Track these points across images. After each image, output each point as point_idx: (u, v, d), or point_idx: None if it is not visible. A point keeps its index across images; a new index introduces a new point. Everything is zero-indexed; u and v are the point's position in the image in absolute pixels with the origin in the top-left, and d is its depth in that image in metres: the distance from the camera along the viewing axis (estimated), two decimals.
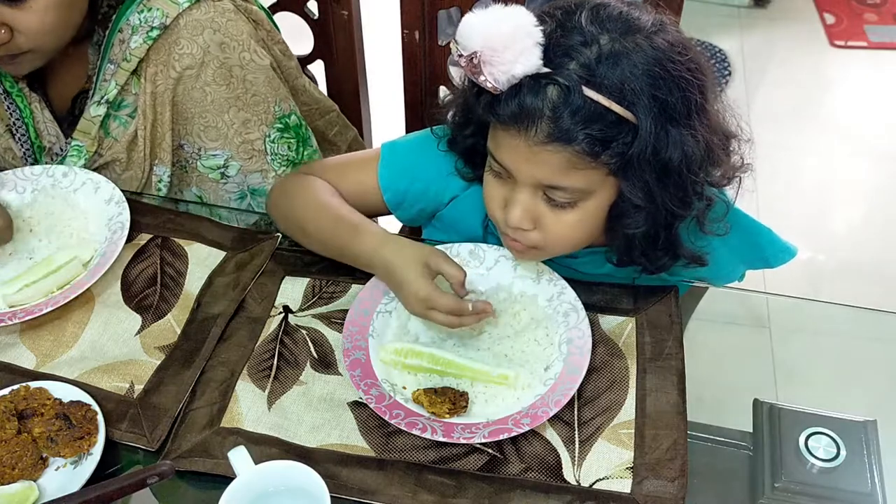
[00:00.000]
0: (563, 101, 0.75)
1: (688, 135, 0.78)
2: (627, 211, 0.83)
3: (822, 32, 2.94)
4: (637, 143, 0.76)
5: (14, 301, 0.94)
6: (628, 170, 0.78)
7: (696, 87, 0.79)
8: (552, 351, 0.88)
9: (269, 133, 1.12)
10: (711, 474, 0.83)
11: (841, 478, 0.79)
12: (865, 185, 2.42)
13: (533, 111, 0.76)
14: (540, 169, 0.79)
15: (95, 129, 1.07)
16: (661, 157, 0.78)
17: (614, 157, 0.77)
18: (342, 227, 0.95)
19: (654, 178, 0.79)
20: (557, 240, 0.86)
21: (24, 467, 0.79)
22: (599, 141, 0.76)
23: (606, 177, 0.80)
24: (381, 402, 0.82)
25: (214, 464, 0.80)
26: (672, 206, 0.82)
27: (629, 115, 0.76)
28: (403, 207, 1.02)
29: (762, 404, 0.85)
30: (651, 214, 0.83)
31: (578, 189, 0.80)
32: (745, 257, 0.99)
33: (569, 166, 0.78)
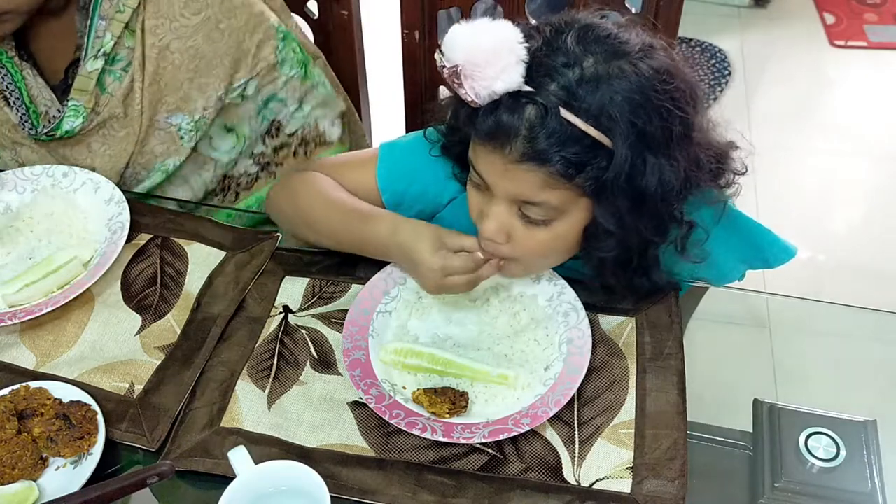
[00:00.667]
0: (540, 121, 0.75)
1: (666, 164, 0.78)
2: (600, 234, 0.83)
3: (822, 32, 2.94)
4: (612, 168, 0.76)
5: (14, 301, 0.94)
6: (602, 193, 0.78)
7: (678, 117, 0.78)
8: (552, 351, 0.88)
9: (278, 45, 1.16)
10: (711, 474, 0.83)
11: (841, 478, 0.79)
12: (865, 185, 2.42)
13: (509, 129, 0.76)
14: (514, 185, 0.79)
15: (92, 85, 1.07)
16: (636, 183, 0.78)
17: (588, 180, 0.77)
18: (353, 217, 0.95)
19: (628, 204, 0.79)
20: (529, 254, 0.86)
21: (24, 467, 0.79)
22: (574, 164, 0.76)
23: (580, 197, 0.80)
24: (381, 402, 0.82)
25: (214, 464, 0.80)
26: (646, 232, 0.82)
27: (605, 140, 0.76)
28: (402, 209, 1.01)
29: (762, 404, 0.85)
30: (623, 239, 0.83)
31: (552, 206, 0.80)
32: (744, 257, 0.99)
33: (543, 185, 0.78)
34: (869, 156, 2.50)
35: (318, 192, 0.98)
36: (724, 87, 2.68)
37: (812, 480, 0.79)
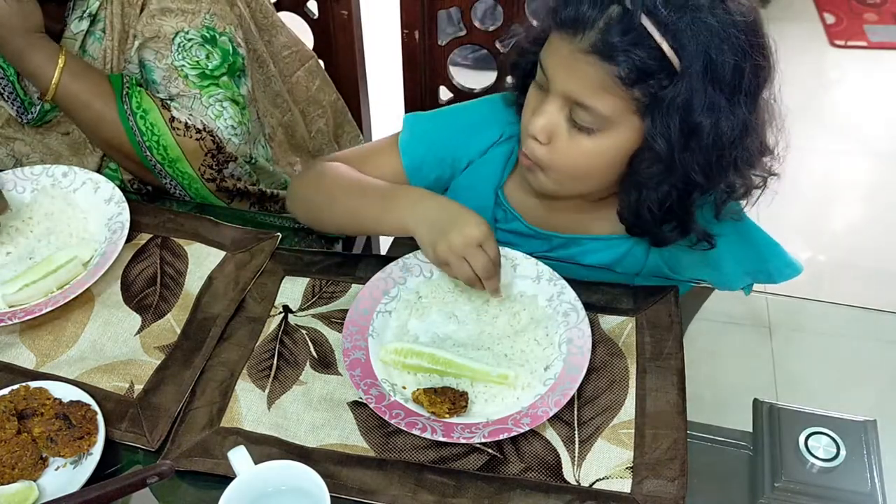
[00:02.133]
0: (619, 19, 0.76)
1: (726, 109, 0.79)
2: (646, 160, 0.82)
3: (822, 32, 2.94)
4: (673, 88, 0.77)
5: (14, 301, 0.94)
6: (656, 112, 0.79)
7: (752, 71, 0.79)
8: (552, 351, 0.88)
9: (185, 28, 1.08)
10: (711, 474, 0.83)
11: (841, 478, 0.79)
12: (865, 185, 2.42)
13: (587, 19, 0.77)
14: (574, 80, 0.80)
15: (77, 47, 1.07)
16: (692, 114, 0.78)
17: (646, 93, 0.78)
18: (373, 192, 0.95)
19: (679, 133, 0.79)
20: (565, 162, 0.85)
21: (24, 467, 0.79)
22: (637, 70, 0.77)
23: (632, 115, 0.80)
24: (381, 402, 0.82)
25: (214, 464, 0.80)
26: (692, 172, 0.82)
27: (675, 58, 0.76)
28: (421, 174, 1.02)
29: (762, 404, 0.85)
30: (669, 172, 0.82)
31: (602, 115, 0.80)
32: (748, 268, 0.99)
33: (600, 86, 0.78)
34: (869, 155, 2.50)
35: (337, 175, 0.99)
36: None
37: (812, 480, 0.79)
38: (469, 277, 0.86)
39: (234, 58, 1.11)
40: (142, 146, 1.08)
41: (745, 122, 0.80)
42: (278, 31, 1.25)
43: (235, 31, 1.12)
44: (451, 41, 1.31)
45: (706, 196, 0.86)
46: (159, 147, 1.08)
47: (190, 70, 1.08)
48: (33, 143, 1.15)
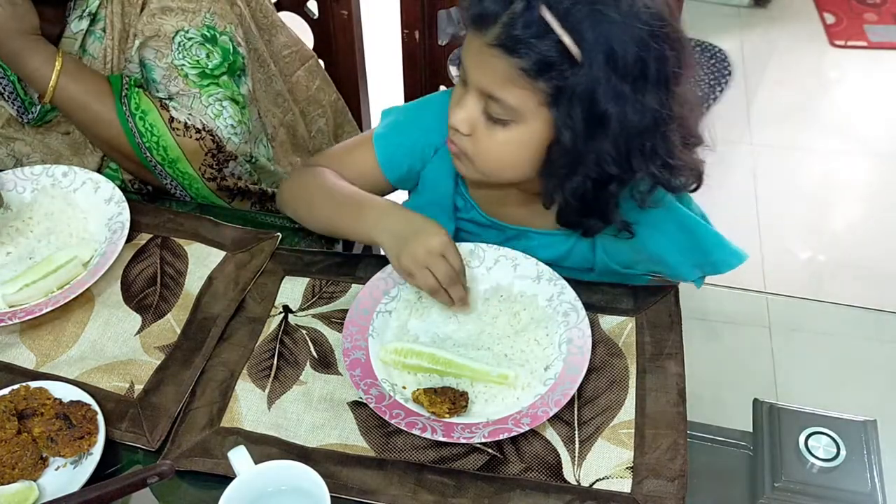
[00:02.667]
0: (521, 13, 0.78)
1: (632, 99, 0.80)
2: (557, 151, 0.84)
3: (822, 32, 2.94)
4: (574, 78, 0.78)
5: (14, 301, 0.94)
6: (561, 103, 0.80)
7: (657, 60, 0.80)
8: (552, 351, 0.88)
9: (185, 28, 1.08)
10: (711, 474, 0.83)
11: (841, 478, 0.79)
12: (865, 185, 2.42)
13: (492, 14, 0.79)
14: (484, 74, 0.82)
15: (76, 46, 1.07)
16: (597, 104, 0.79)
17: (550, 85, 0.79)
18: (349, 202, 0.98)
19: (584, 123, 0.81)
20: (485, 154, 0.88)
21: (24, 467, 0.79)
22: (540, 63, 0.78)
23: (541, 106, 0.82)
24: (381, 402, 0.82)
25: (214, 464, 0.80)
26: (603, 162, 0.83)
27: (575, 49, 0.78)
28: (394, 165, 1.04)
29: (762, 404, 0.85)
30: (579, 161, 0.84)
31: (512, 107, 0.82)
32: (694, 260, 0.98)
33: (507, 79, 0.80)
34: (869, 156, 2.50)
35: (319, 182, 1.01)
36: (725, 87, 2.68)
37: (812, 480, 0.79)
38: (432, 287, 0.87)
39: (234, 57, 1.11)
40: (141, 147, 1.08)
41: (655, 112, 0.81)
42: (278, 31, 1.25)
43: (236, 31, 1.12)
44: (451, 41, 1.31)
45: (627, 187, 0.87)
46: (159, 148, 1.08)
47: (190, 69, 1.08)
48: (34, 143, 1.15)
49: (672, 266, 0.99)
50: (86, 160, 1.15)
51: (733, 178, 2.37)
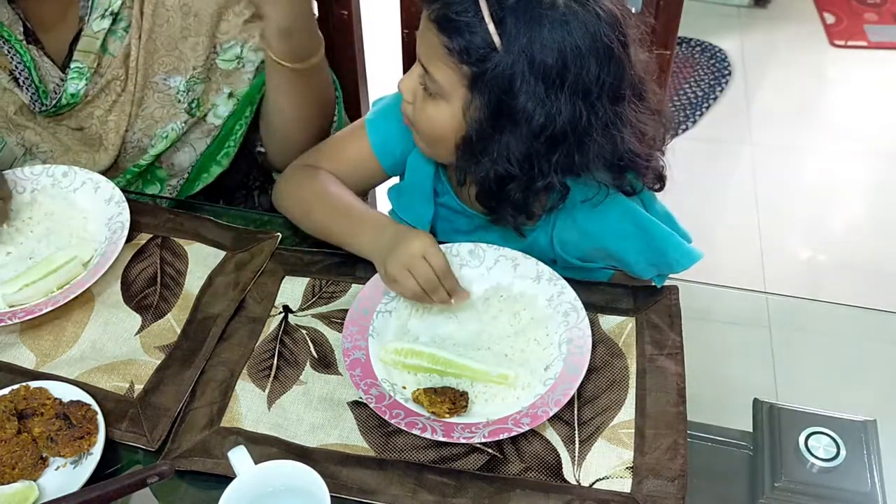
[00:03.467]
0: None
1: (546, 101, 0.81)
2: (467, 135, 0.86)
3: (822, 32, 2.94)
4: (490, 67, 0.81)
5: (14, 301, 0.94)
6: (475, 89, 0.83)
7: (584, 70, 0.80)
8: (552, 350, 0.88)
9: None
10: (711, 474, 0.83)
11: (841, 477, 0.79)
12: (865, 185, 2.42)
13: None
14: (422, 45, 0.87)
15: (97, 45, 1.07)
16: (507, 99, 0.81)
17: (471, 69, 0.82)
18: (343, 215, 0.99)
19: (493, 115, 0.83)
20: (419, 124, 0.92)
21: (24, 467, 0.79)
22: (466, 45, 0.81)
23: (462, 87, 0.84)
24: (381, 402, 0.82)
25: (214, 464, 0.80)
26: (505, 159, 0.84)
27: (496, 38, 0.80)
28: (387, 150, 1.05)
29: (762, 404, 0.85)
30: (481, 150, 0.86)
31: (437, 82, 0.86)
32: (650, 260, 0.98)
33: (437, 55, 0.84)
34: (869, 155, 2.50)
35: (316, 188, 1.02)
36: (724, 87, 2.69)
37: (812, 480, 0.79)
38: (414, 291, 0.87)
39: None
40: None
41: (570, 121, 0.81)
42: None
43: None
44: None
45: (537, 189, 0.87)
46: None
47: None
48: (44, 133, 1.15)
49: (629, 264, 0.99)
50: (98, 157, 1.15)
51: (733, 178, 2.37)
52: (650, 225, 0.95)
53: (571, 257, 1.00)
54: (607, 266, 1.03)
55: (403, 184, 1.08)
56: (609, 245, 0.97)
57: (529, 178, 0.86)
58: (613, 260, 1.01)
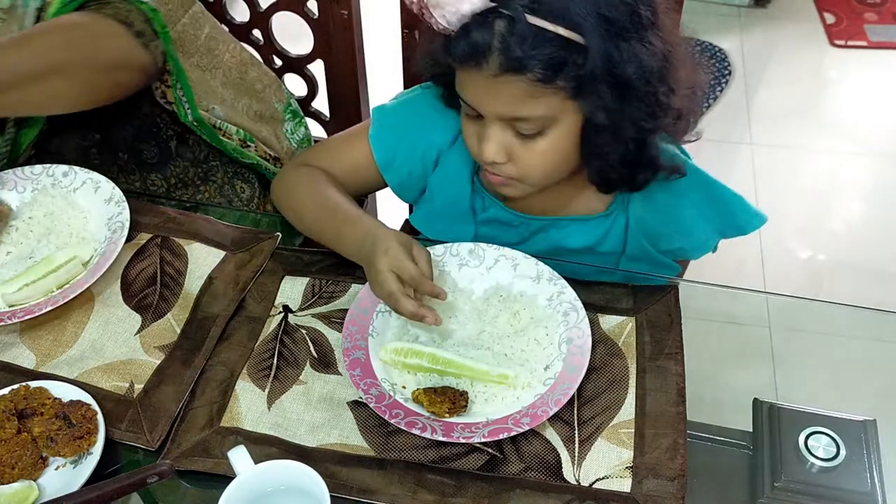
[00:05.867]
0: (510, 31, 0.77)
1: (640, 48, 0.80)
2: (598, 130, 0.85)
3: (822, 32, 2.94)
4: (588, 63, 0.78)
5: (14, 300, 0.94)
6: (585, 91, 0.80)
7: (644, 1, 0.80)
8: (552, 350, 0.88)
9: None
10: (711, 474, 0.83)
11: (841, 477, 0.79)
12: (865, 185, 2.42)
13: (483, 46, 0.78)
14: (500, 102, 0.82)
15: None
16: (616, 73, 0.80)
17: (569, 80, 0.79)
18: (332, 219, 0.97)
19: (614, 95, 0.81)
20: (532, 169, 0.88)
21: (24, 467, 0.79)
22: (551, 66, 0.78)
23: (566, 101, 0.82)
24: (381, 402, 0.82)
25: (214, 463, 0.80)
26: (639, 121, 0.84)
27: (576, 36, 0.77)
28: (394, 168, 1.03)
29: (762, 404, 0.85)
30: (619, 132, 0.85)
31: (541, 117, 0.82)
32: (717, 225, 1.00)
33: (526, 96, 0.80)
34: (869, 155, 2.50)
35: (311, 187, 1.01)
36: (725, 86, 2.68)
37: (812, 480, 0.79)
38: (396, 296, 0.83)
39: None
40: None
41: (662, 51, 0.82)
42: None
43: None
44: None
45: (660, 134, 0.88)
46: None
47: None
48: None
49: (696, 235, 1.00)
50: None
51: (733, 178, 2.37)
52: (719, 188, 0.97)
53: (645, 237, 0.99)
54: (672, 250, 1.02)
55: (433, 208, 1.06)
56: (681, 214, 0.97)
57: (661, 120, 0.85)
58: (682, 234, 1.00)
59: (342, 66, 1.38)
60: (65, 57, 1.01)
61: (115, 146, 1.23)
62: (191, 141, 1.25)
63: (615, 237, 1.01)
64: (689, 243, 1.02)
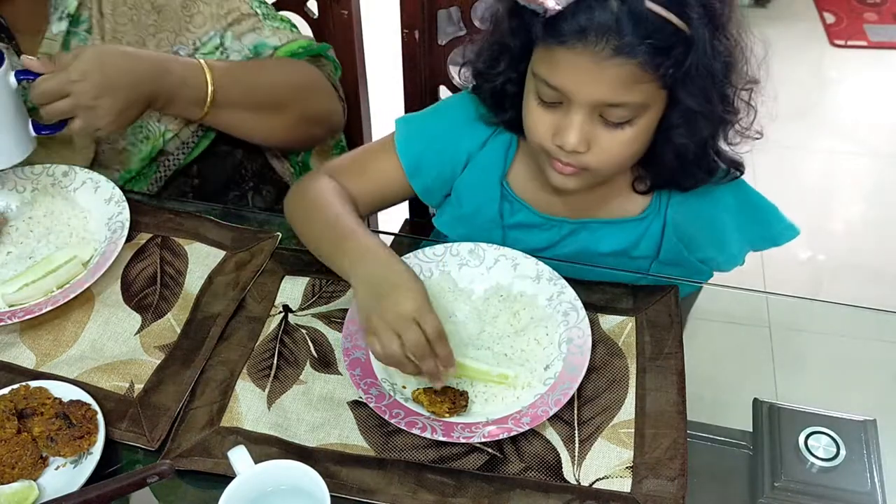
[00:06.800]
0: (627, 14, 0.77)
1: (727, 42, 0.82)
2: (683, 121, 0.85)
3: (822, 32, 2.94)
4: (693, 53, 0.79)
5: (14, 300, 0.94)
6: (686, 79, 0.81)
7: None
8: (552, 350, 0.88)
9: (251, 3, 1.12)
10: (711, 474, 0.83)
11: (841, 477, 0.79)
12: (866, 185, 2.42)
13: (600, 25, 0.77)
14: (602, 86, 0.80)
15: (57, 48, 1.05)
16: (708, 65, 0.80)
17: (672, 67, 0.79)
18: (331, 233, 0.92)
19: (702, 88, 0.82)
20: (609, 159, 0.86)
21: (24, 466, 0.79)
22: (661, 52, 0.78)
23: (660, 90, 0.82)
24: (381, 402, 0.82)
25: (214, 463, 0.80)
26: (720, 112, 0.85)
27: (684, 25, 0.78)
28: (421, 173, 1.02)
29: (762, 404, 0.85)
30: (696, 126, 0.85)
31: (637, 104, 0.82)
32: (749, 235, 1.00)
33: (632, 80, 0.79)
34: (869, 155, 2.51)
35: (315, 203, 0.96)
36: None
37: (812, 480, 0.79)
38: (396, 357, 0.78)
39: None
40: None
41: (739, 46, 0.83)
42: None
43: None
44: (451, 41, 1.31)
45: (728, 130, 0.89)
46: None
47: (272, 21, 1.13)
48: None
49: (728, 245, 1.00)
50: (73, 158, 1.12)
51: None
52: (756, 196, 0.97)
53: (679, 238, 0.99)
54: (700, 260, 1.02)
55: (459, 213, 1.04)
56: (717, 220, 0.97)
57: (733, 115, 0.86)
58: (714, 242, 1.00)
59: (342, 65, 1.38)
60: (291, 99, 1.12)
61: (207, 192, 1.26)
62: (264, 192, 1.31)
63: (650, 241, 1.00)
64: (720, 254, 1.02)
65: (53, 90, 0.93)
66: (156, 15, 1.07)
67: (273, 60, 1.12)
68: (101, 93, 0.93)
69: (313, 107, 1.15)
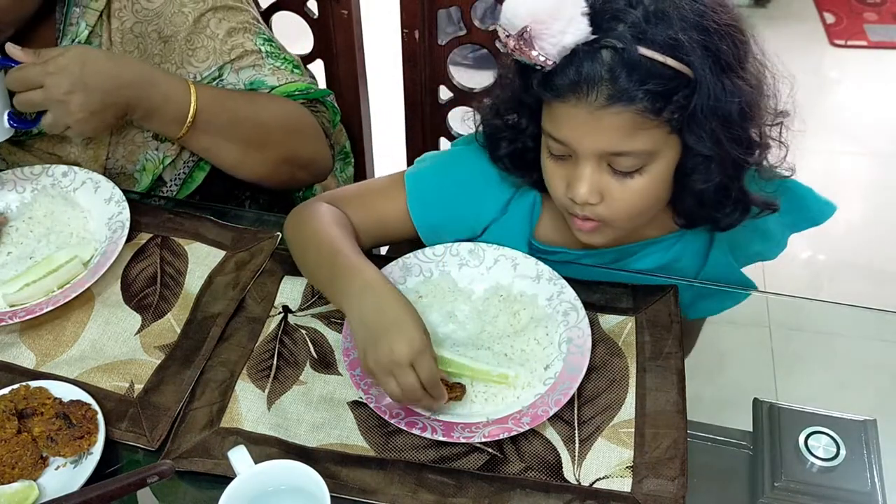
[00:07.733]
0: (619, 62, 0.76)
1: (742, 84, 0.80)
2: (696, 166, 0.83)
3: (822, 32, 2.94)
4: (698, 95, 0.77)
5: (14, 300, 0.94)
6: (692, 123, 0.79)
7: (741, 37, 0.80)
8: (552, 350, 0.88)
9: (256, 40, 1.12)
10: (711, 474, 0.83)
11: (841, 477, 0.79)
12: (865, 185, 2.42)
13: (590, 76, 0.76)
14: (603, 136, 0.79)
15: None
16: (720, 107, 0.79)
17: (676, 111, 0.78)
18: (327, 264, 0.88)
19: (718, 129, 0.80)
20: (625, 210, 0.85)
21: (24, 466, 0.79)
22: (660, 96, 0.77)
23: (669, 135, 0.81)
24: (381, 402, 0.82)
25: (214, 464, 0.80)
26: (737, 153, 0.83)
27: (685, 68, 0.77)
28: (438, 237, 0.99)
29: (762, 403, 0.85)
30: (714, 168, 0.83)
31: (644, 152, 0.80)
32: (792, 220, 1.00)
33: (633, 128, 0.78)
34: (869, 155, 2.51)
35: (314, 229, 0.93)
36: None
37: (812, 480, 0.79)
38: (395, 398, 0.78)
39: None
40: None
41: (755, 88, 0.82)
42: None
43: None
44: (451, 41, 1.31)
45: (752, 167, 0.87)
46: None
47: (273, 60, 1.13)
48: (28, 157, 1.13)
49: (772, 233, 1.00)
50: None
51: None
52: (793, 184, 0.96)
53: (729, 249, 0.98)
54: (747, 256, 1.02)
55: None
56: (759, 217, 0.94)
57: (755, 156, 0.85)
58: (759, 236, 0.99)
59: (342, 66, 1.38)
60: (275, 137, 1.10)
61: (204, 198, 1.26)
62: (261, 200, 1.32)
63: (693, 252, 0.98)
64: (765, 245, 1.01)
65: (28, 79, 0.93)
66: (162, 45, 1.08)
67: (265, 96, 1.10)
68: (74, 88, 0.93)
69: (298, 149, 1.13)
